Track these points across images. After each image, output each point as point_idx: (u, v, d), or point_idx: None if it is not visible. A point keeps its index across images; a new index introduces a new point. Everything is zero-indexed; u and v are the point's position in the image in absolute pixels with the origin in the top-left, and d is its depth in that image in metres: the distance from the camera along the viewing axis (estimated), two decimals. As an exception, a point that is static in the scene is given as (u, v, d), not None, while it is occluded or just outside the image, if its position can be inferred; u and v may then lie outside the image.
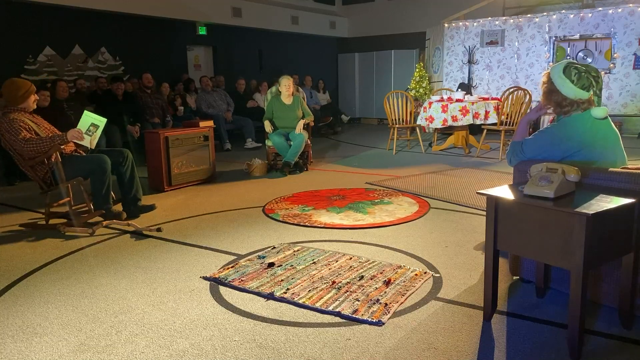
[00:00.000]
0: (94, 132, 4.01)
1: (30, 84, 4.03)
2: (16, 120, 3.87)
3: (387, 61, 12.54)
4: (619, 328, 2.25)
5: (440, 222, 3.96)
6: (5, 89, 3.97)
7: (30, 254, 3.45)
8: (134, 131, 6.96)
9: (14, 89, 3.94)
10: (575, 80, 2.46)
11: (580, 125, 2.48)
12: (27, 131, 3.87)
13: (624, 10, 8.37)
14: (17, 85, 3.96)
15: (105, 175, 3.98)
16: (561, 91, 2.49)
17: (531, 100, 6.87)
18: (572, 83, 2.46)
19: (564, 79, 2.47)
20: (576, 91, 2.46)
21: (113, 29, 8.82)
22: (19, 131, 3.82)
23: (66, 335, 2.33)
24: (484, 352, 2.10)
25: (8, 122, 3.85)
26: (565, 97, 2.49)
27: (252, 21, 10.69)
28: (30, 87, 4.01)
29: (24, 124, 3.90)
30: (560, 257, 2.00)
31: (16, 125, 3.84)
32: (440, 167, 6.33)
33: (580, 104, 2.49)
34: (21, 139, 3.80)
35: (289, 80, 6.34)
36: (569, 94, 2.47)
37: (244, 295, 2.70)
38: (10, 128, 3.83)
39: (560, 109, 2.53)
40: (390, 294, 2.63)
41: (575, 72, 2.47)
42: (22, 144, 3.80)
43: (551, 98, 2.55)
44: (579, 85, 2.45)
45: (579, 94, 2.46)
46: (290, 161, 6.04)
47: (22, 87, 3.96)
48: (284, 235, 3.73)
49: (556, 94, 2.51)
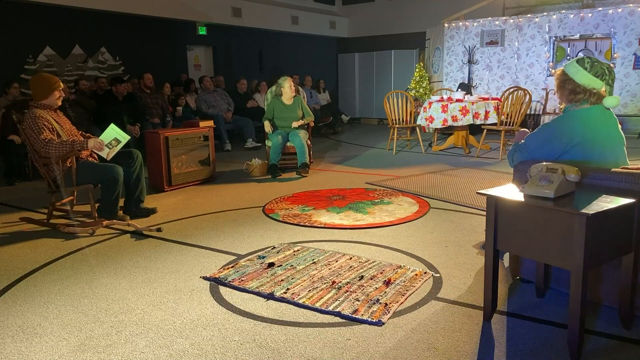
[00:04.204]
0: (115, 147, 4.03)
1: (56, 79, 3.98)
2: (40, 119, 3.83)
3: (387, 61, 12.54)
4: (619, 328, 2.25)
5: (440, 222, 3.96)
6: (32, 84, 3.95)
7: (30, 254, 3.45)
8: (134, 131, 6.96)
9: (40, 83, 3.91)
10: (588, 68, 2.50)
11: (583, 119, 2.51)
12: (49, 131, 3.83)
13: (624, 10, 8.37)
14: (41, 79, 3.94)
15: (116, 186, 3.98)
16: (574, 79, 2.53)
17: (531, 100, 6.86)
18: (585, 70, 2.51)
19: (578, 67, 2.53)
20: (589, 78, 2.50)
21: (113, 29, 8.82)
22: (41, 130, 3.79)
23: (66, 335, 2.33)
24: (484, 352, 2.10)
25: (32, 118, 3.82)
26: (578, 84, 2.52)
27: (252, 21, 10.69)
28: (55, 83, 3.95)
29: (48, 123, 3.86)
30: (560, 257, 2.00)
31: (40, 123, 3.81)
32: (440, 167, 6.33)
33: (592, 94, 2.51)
34: (42, 139, 3.77)
35: (289, 82, 6.35)
36: (582, 81, 2.51)
37: (244, 295, 2.70)
38: (34, 125, 3.80)
39: (575, 96, 2.55)
40: (390, 294, 2.63)
41: (588, 60, 2.53)
42: (42, 144, 3.77)
43: (565, 87, 2.58)
44: (592, 73, 2.49)
45: (592, 81, 2.50)
46: (305, 161, 6.04)
47: (45, 82, 3.91)
48: (284, 235, 3.73)
49: (570, 82, 2.55)
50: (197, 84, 9.32)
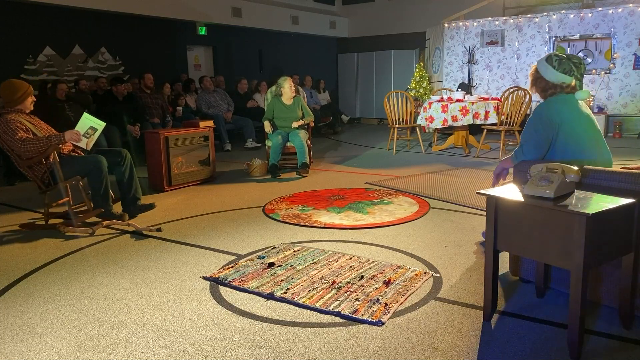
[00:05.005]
0: (92, 135, 4.03)
1: (28, 86, 4.02)
2: (13, 121, 3.86)
3: (387, 61, 12.54)
4: (619, 328, 2.25)
5: (440, 222, 3.96)
6: (3, 90, 3.96)
7: (30, 254, 3.45)
8: (134, 131, 6.96)
9: (12, 91, 3.93)
10: (556, 66, 2.69)
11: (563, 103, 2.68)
12: (24, 131, 3.86)
13: (624, 10, 8.37)
14: (15, 86, 3.95)
15: (102, 175, 3.99)
16: (545, 77, 2.72)
17: (531, 100, 6.86)
18: (553, 68, 2.69)
19: (547, 65, 2.72)
20: (557, 75, 2.68)
21: (113, 29, 8.82)
22: (15, 132, 3.81)
23: (66, 335, 2.33)
24: (484, 352, 2.10)
25: (5, 123, 3.84)
26: (548, 81, 2.72)
27: (252, 21, 10.69)
28: (28, 89, 4.00)
29: (21, 124, 3.89)
30: (560, 257, 2.00)
31: (13, 125, 3.83)
32: (440, 167, 6.33)
33: (563, 88, 2.70)
34: (18, 139, 3.79)
35: (289, 82, 6.35)
36: (551, 78, 2.71)
37: (244, 295, 2.70)
38: (7, 129, 3.82)
39: (545, 93, 2.75)
40: (390, 294, 2.63)
41: (556, 58, 2.71)
42: (19, 144, 3.79)
43: (537, 84, 2.78)
44: (560, 70, 2.68)
45: (561, 78, 2.68)
46: (305, 161, 6.03)
47: (20, 89, 3.94)
48: (284, 235, 3.73)
49: (540, 80, 2.75)
50: (197, 84, 9.32)
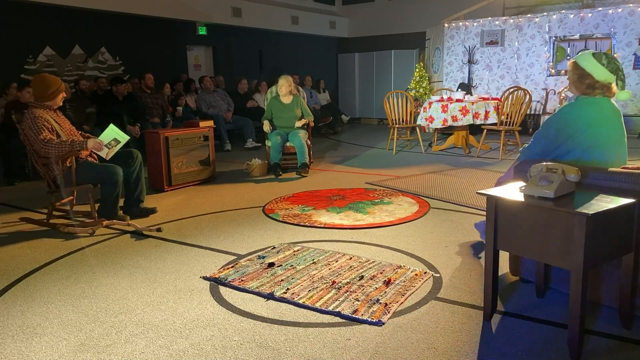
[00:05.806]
0: (114, 147, 4.03)
1: (61, 82, 3.99)
2: (40, 119, 3.82)
3: (387, 61, 12.54)
4: (619, 328, 2.25)
5: (440, 222, 3.96)
6: (35, 85, 3.94)
7: (30, 254, 3.45)
8: (134, 131, 6.96)
9: (45, 86, 3.90)
10: (605, 64, 2.58)
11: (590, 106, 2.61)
12: (49, 131, 3.83)
13: (624, 10, 8.37)
14: (49, 82, 3.92)
15: (115, 186, 3.98)
16: (593, 74, 2.60)
17: (531, 100, 6.86)
18: (603, 67, 2.58)
19: (595, 63, 2.60)
20: (607, 74, 2.58)
21: (113, 29, 8.82)
22: (40, 130, 3.79)
23: (66, 335, 2.33)
24: (484, 352, 2.10)
25: (32, 118, 3.81)
26: (597, 80, 2.60)
27: (252, 21, 10.69)
28: (61, 86, 3.97)
29: (48, 123, 3.86)
30: (560, 257, 2.00)
31: (40, 123, 3.80)
32: (440, 167, 6.32)
33: (607, 89, 2.62)
34: (41, 139, 3.77)
35: (286, 79, 6.30)
36: (600, 76, 2.59)
37: (244, 295, 2.70)
38: (33, 125, 3.80)
39: (592, 91, 2.63)
40: (390, 294, 2.63)
41: (604, 56, 2.61)
42: (42, 144, 3.77)
43: (583, 81, 2.64)
44: (609, 69, 2.58)
45: (609, 77, 2.59)
46: (305, 161, 6.04)
47: (53, 85, 3.91)
48: (284, 235, 3.73)
49: (588, 77, 2.62)
50: (197, 84, 9.32)
